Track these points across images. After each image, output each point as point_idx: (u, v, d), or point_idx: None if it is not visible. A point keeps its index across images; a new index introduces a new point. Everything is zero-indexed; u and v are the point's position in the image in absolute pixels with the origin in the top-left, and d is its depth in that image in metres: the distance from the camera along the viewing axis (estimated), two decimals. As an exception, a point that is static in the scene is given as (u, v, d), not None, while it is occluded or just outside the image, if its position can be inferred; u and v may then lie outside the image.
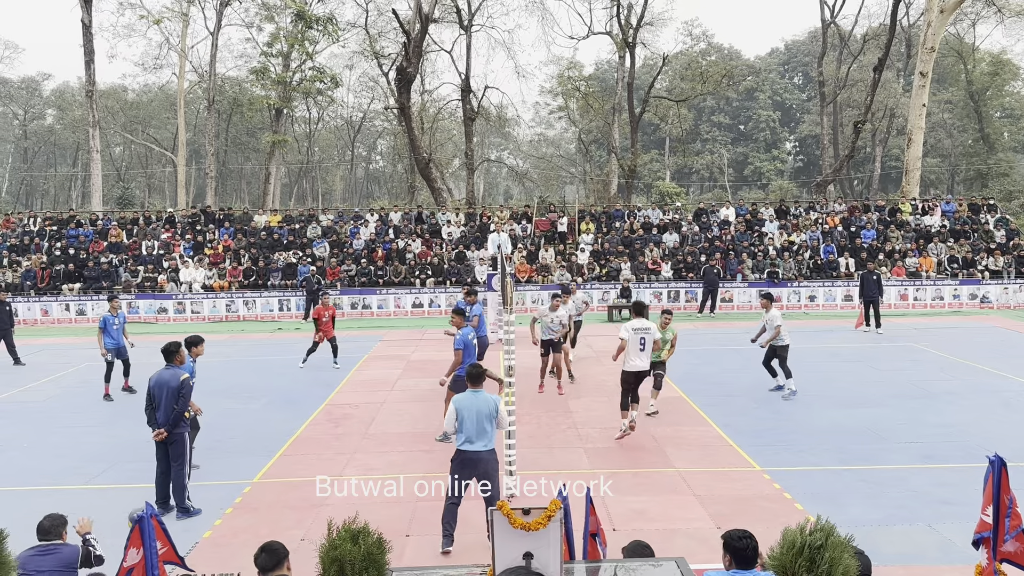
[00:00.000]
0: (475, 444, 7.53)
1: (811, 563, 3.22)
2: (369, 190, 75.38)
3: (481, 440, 7.54)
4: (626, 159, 42.13)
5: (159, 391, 8.83)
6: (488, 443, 7.57)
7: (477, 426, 7.54)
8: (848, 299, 25.86)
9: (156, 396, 8.83)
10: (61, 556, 5.30)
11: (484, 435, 7.56)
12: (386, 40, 45.84)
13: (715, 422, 12.18)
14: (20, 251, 29.01)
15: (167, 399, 8.78)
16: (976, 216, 29.82)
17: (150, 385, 8.91)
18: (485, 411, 7.59)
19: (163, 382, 8.86)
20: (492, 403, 7.67)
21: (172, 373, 8.97)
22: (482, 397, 7.71)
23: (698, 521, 8.33)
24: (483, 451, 7.54)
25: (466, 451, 7.54)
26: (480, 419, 7.55)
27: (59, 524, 5.60)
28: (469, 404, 7.64)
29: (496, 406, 7.67)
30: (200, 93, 52.14)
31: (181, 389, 8.81)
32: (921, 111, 34.15)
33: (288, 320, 25.92)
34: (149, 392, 8.89)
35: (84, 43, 37.05)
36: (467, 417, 7.56)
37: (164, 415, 8.78)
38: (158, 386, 8.86)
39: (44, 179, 69.28)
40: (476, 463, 7.53)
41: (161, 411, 8.80)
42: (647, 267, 27.38)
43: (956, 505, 8.50)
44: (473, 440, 7.53)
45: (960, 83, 54.13)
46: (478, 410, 7.58)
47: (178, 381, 8.85)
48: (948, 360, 16.83)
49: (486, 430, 7.57)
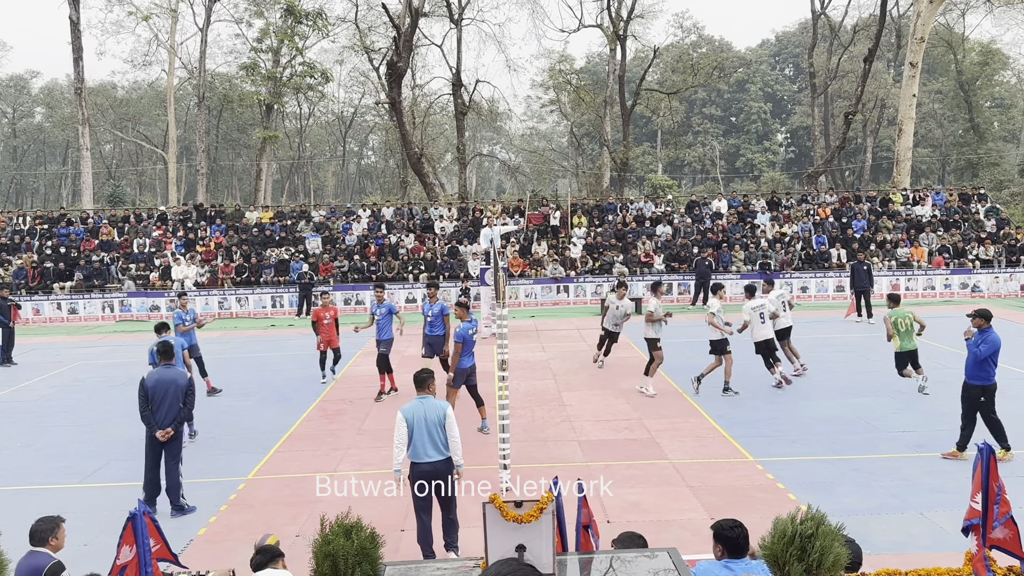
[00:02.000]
0: (430, 455, 7.09)
1: (802, 552, 3.25)
2: (361, 185, 75.22)
3: (435, 449, 7.10)
4: (618, 152, 42.13)
5: (159, 391, 8.75)
6: (442, 452, 7.12)
7: (428, 435, 7.08)
8: (840, 289, 25.95)
9: (154, 396, 8.75)
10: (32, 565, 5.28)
11: (436, 444, 7.11)
12: (376, 35, 45.71)
13: (708, 414, 12.23)
14: (11, 250, 28.87)
15: (171, 399, 8.75)
16: (967, 206, 29.94)
17: (147, 385, 8.77)
18: (433, 419, 7.12)
19: (166, 382, 8.80)
20: (441, 410, 7.19)
21: (177, 372, 9.03)
22: (430, 404, 7.23)
23: (692, 512, 8.37)
24: (438, 461, 7.10)
25: (420, 463, 7.09)
26: (430, 428, 7.09)
27: (46, 529, 5.52)
28: (417, 413, 7.17)
29: (445, 412, 7.18)
30: (190, 90, 51.93)
31: (188, 388, 8.92)
32: (911, 101, 34.23)
33: (281, 317, 25.88)
34: (145, 392, 8.75)
35: (72, 40, 36.86)
36: (416, 427, 7.10)
37: (170, 415, 8.74)
38: (159, 386, 8.77)
39: (34, 177, 68.92)
40: (432, 475, 7.09)
41: (164, 411, 8.72)
42: (640, 260, 27.41)
43: (948, 493, 8.56)
44: (427, 450, 7.09)
45: (950, 73, 54.26)
46: (426, 418, 7.12)
47: (185, 380, 8.95)
48: (940, 349, 16.92)
49: (437, 439, 7.10)
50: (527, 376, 15.16)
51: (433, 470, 7.09)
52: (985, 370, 9.48)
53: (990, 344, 9.42)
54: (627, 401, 13.12)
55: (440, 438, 7.13)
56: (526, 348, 18.28)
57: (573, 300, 26.65)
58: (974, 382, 9.55)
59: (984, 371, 9.48)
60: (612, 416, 12.24)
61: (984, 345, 9.42)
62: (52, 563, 5.28)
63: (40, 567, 5.21)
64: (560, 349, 18.28)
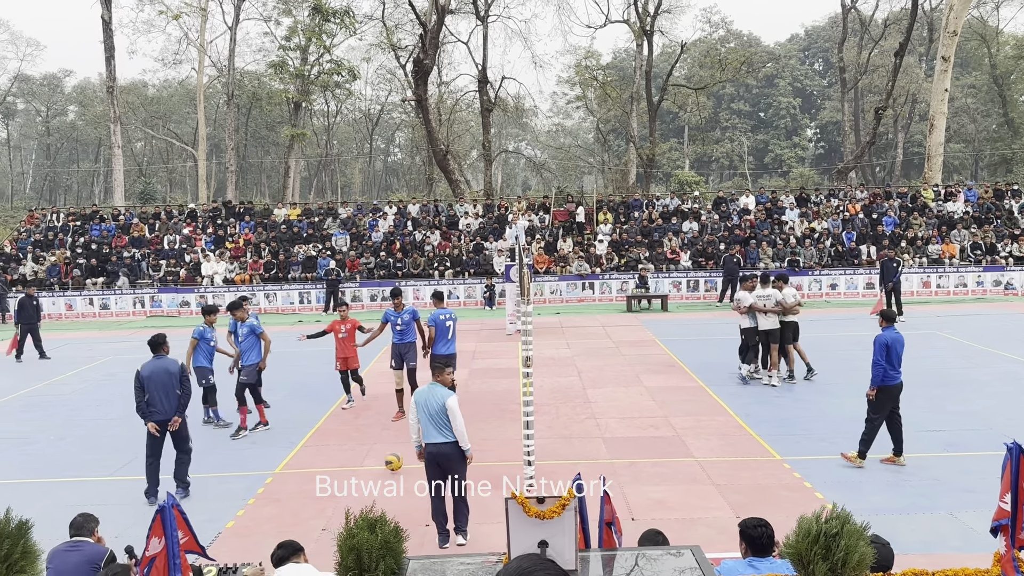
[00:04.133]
0: (436, 437, 7.54)
1: (827, 551, 3.22)
2: (387, 182, 75.57)
3: (441, 433, 7.53)
4: (644, 148, 41.92)
5: (154, 381, 9.02)
6: (446, 435, 7.54)
7: (431, 420, 7.55)
8: (870, 287, 25.62)
9: (149, 386, 9.01)
10: (84, 553, 5.38)
11: (439, 428, 7.54)
12: (403, 32, 45.84)
13: (735, 411, 12.14)
14: (44, 246, 29.41)
15: (168, 387, 9.03)
16: (1000, 202, 29.41)
17: (143, 376, 9.04)
18: (434, 405, 7.57)
19: (160, 371, 9.08)
20: (440, 400, 7.60)
21: (169, 361, 9.29)
22: (434, 392, 7.68)
23: (718, 510, 8.32)
24: (443, 443, 7.53)
25: (428, 444, 7.60)
26: (431, 413, 7.56)
27: (91, 522, 5.68)
28: (423, 399, 7.68)
29: (443, 403, 7.57)
30: (219, 88, 52.47)
31: (182, 375, 9.22)
32: (943, 96, 33.67)
33: (308, 313, 26.10)
34: (141, 383, 9.01)
35: (104, 39, 37.39)
36: (421, 412, 7.62)
37: (171, 403, 9.04)
38: (153, 376, 9.05)
39: (67, 175, 70.10)
40: (438, 456, 7.53)
41: (162, 400, 9.00)
42: (666, 256, 27.28)
43: (978, 493, 8.43)
44: (432, 434, 7.56)
45: (984, 67, 53.29)
46: (427, 404, 7.60)
47: (177, 368, 9.25)
48: (971, 347, 16.66)
49: (440, 423, 7.54)
50: (552, 373, 15.15)
51: (439, 451, 7.54)
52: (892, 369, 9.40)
53: (876, 345, 9.42)
54: (652, 398, 13.07)
55: (443, 423, 7.55)
56: (551, 345, 18.27)
57: (598, 297, 26.58)
58: (889, 383, 9.44)
59: (891, 370, 9.39)
60: (637, 413, 12.20)
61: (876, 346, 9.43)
62: (108, 552, 5.40)
63: (95, 555, 5.32)
64: (585, 346, 18.24)
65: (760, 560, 4.49)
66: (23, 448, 11.51)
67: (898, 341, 9.50)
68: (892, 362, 9.41)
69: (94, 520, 5.69)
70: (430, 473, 7.63)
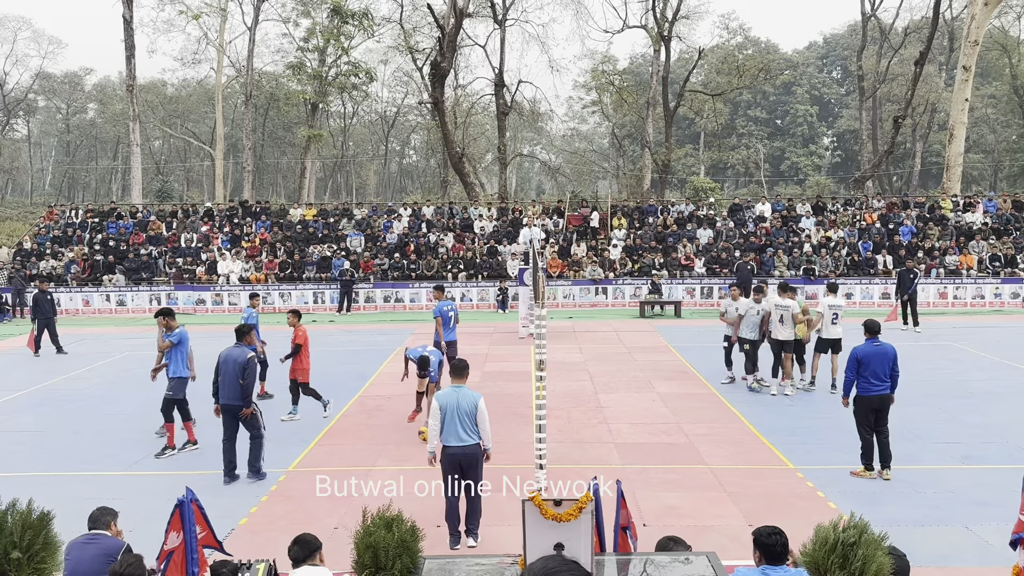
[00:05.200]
0: (461, 440, 7.57)
1: (844, 560, 3.21)
2: (402, 184, 75.78)
3: (465, 435, 7.58)
4: (660, 154, 41.84)
5: (223, 366, 9.57)
6: (471, 437, 7.61)
7: (460, 422, 7.56)
8: (885, 296, 25.46)
9: (220, 370, 9.58)
10: (101, 546, 5.42)
11: (466, 430, 7.59)
12: (420, 35, 46.02)
13: (748, 419, 12.10)
14: (63, 242, 29.67)
15: (232, 375, 9.48)
16: (1020, 213, 29.16)
17: (219, 360, 9.67)
18: (466, 408, 7.59)
19: (230, 358, 9.58)
20: (473, 401, 7.65)
21: (239, 351, 9.68)
22: (464, 394, 7.69)
23: (730, 518, 8.29)
24: (468, 445, 7.59)
25: (451, 447, 7.58)
26: (462, 415, 7.56)
27: (108, 515, 5.72)
28: (454, 401, 7.64)
29: (476, 404, 7.64)
30: (237, 88, 52.81)
31: (245, 364, 9.50)
32: (964, 106, 33.45)
33: (322, 312, 26.20)
34: (217, 366, 9.67)
35: (125, 38, 37.73)
36: (451, 413, 7.58)
37: (232, 389, 9.47)
38: (225, 362, 9.59)
39: (86, 172, 70.70)
40: (461, 458, 7.57)
41: (227, 386, 9.48)
42: (680, 263, 27.20)
43: (994, 507, 8.36)
44: (459, 435, 7.56)
45: (1005, 77, 52.84)
46: (458, 407, 7.58)
47: (244, 357, 9.55)
48: (988, 360, 16.52)
49: (468, 425, 7.59)
50: (564, 377, 15.14)
51: (463, 453, 7.58)
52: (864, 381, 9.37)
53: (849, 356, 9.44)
54: (665, 404, 13.04)
55: (470, 425, 7.61)
56: (563, 349, 18.26)
57: (611, 302, 26.54)
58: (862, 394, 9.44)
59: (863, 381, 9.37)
60: (650, 419, 12.18)
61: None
62: (125, 544, 5.44)
63: (112, 548, 5.36)
64: (597, 351, 18.22)
65: (774, 569, 4.46)
66: (40, 442, 11.61)
67: (875, 354, 9.37)
68: (866, 374, 9.36)
69: (111, 513, 5.73)
70: (448, 474, 7.64)
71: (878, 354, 9.40)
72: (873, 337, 9.56)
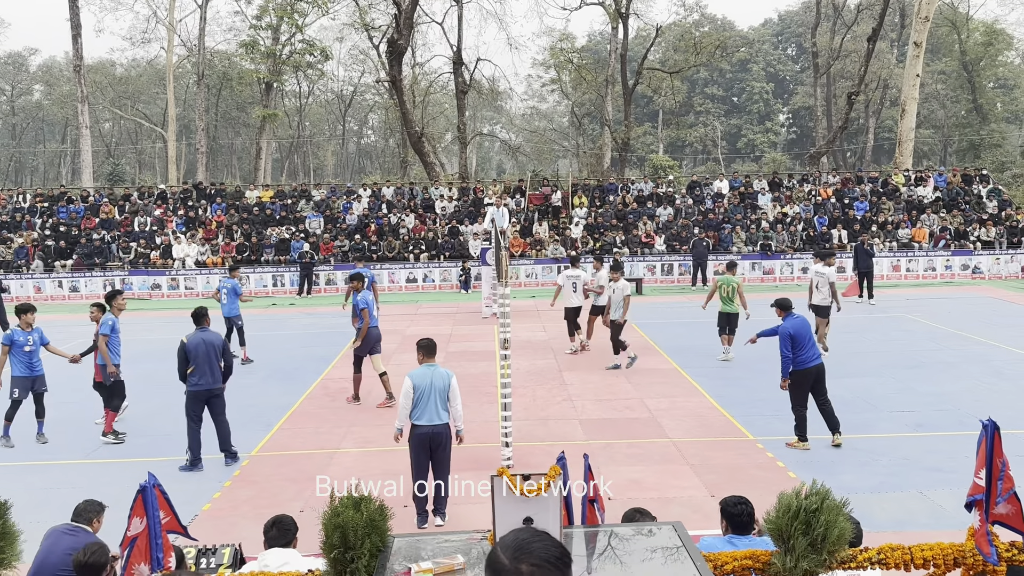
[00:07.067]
0: (435, 418, 7.57)
1: (807, 526, 3.27)
2: (361, 165, 74.99)
3: (436, 414, 7.58)
4: (619, 132, 41.94)
5: (199, 352, 9.33)
6: (442, 417, 7.62)
7: (434, 401, 7.55)
8: (841, 271, 25.90)
9: (194, 358, 9.31)
10: (79, 541, 5.29)
11: (438, 410, 7.59)
12: (376, 12, 45.29)
13: (709, 393, 12.28)
14: (12, 228, 28.85)
15: (211, 358, 9.36)
16: (968, 187, 29.87)
17: (188, 347, 9.32)
18: (440, 385, 7.61)
19: (205, 343, 9.40)
20: (446, 379, 7.68)
21: (213, 334, 9.62)
22: (438, 372, 7.70)
23: (693, 490, 8.43)
24: (438, 424, 7.59)
25: (421, 426, 7.57)
26: (436, 394, 7.57)
27: (92, 510, 5.56)
28: (428, 380, 7.62)
29: (449, 382, 7.68)
30: (189, 67, 51.68)
31: (224, 347, 9.67)
32: (915, 82, 34.06)
33: (282, 296, 25.90)
34: (185, 353, 9.31)
35: (71, 16, 36.58)
36: (425, 392, 7.56)
37: (215, 373, 9.40)
38: (199, 347, 9.35)
39: (33, 155, 68.69)
40: (431, 437, 7.56)
41: (207, 370, 9.32)
42: (641, 240, 27.39)
43: (947, 472, 8.62)
44: (430, 415, 7.56)
45: (954, 53, 53.89)
46: (432, 385, 7.58)
47: (220, 340, 9.65)
48: (940, 330, 16.96)
49: (441, 404, 7.60)
50: (528, 356, 15.20)
51: (433, 432, 7.56)
52: (801, 354, 9.46)
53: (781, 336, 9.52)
54: (628, 381, 13.17)
55: (443, 404, 7.62)
56: (527, 328, 18.32)
57: (574, 280, 26.61)
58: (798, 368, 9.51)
59: (800, 355, 9.45)
60: (613, 395, 12.30)
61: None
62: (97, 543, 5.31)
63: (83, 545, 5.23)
64: (561, 329, 18.23)
65: (739, 538, 4.56)
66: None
67: (802, 326, 9.54)
68: (802, 346, 9.46)
69: (96, 509, 5.53)
70: (417, 454, 7.62)
71: (805, 326, 9.60)
72: (789, 313, 9.70)
